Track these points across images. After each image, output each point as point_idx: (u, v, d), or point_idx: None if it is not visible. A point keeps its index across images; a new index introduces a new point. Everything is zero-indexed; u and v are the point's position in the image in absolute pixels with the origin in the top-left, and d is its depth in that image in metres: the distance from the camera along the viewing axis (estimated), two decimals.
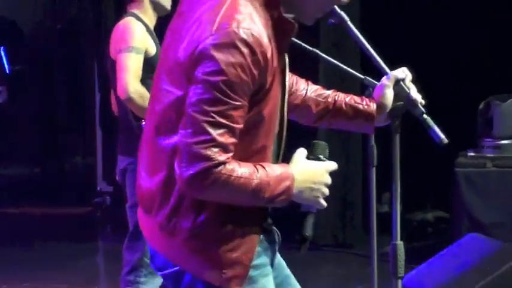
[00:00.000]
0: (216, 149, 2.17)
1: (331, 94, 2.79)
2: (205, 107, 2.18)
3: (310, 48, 3.85)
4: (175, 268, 2.41)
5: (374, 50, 2.78)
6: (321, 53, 4.03)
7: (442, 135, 2.58)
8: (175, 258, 2.40)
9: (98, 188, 8.54)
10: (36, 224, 8.30)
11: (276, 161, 2.44)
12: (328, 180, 2.38)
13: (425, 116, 2.65)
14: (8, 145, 9.79)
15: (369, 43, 2.81)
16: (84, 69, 9.11)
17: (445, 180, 6.25)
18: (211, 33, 2.18)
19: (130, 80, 4.20)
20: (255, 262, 2.41)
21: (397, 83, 2.69)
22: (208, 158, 2.16)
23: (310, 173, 2.37)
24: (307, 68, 6.32)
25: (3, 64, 8.29)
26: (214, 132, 2.16)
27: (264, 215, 2.45)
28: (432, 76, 6.62)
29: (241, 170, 2.22)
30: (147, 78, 4.24)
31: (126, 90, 4.20)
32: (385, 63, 2.76)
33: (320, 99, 2.78)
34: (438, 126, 2.57)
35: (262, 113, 2.31)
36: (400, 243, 2.64)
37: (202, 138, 2.16)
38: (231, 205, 2.31)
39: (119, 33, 4.36)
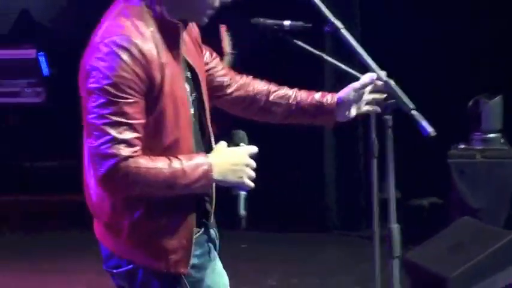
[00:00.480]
0: (119, 146, 2.18)
1: (292, 96, 2.79)
2: (101, 112, 2.19)
3: (317, 52, 3.90)
4: (129, 266, 2.41)
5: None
6: (326, 56, 4.08)
7: (430, 129, 2.57)
8: (124, 255, 2.40)
9: None
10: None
11: (208, 152, 2.44)
12: (250, 161, 2.38)
13: (413, 112, 2.62)
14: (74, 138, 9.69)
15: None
16: None
17: (439, 170, 6.33)
18: (95, 48, 2.24)
19: None
20: (198, 252, 2.43)
21: (386, 84, 2.68)
22: (114, 155, 2.17)
23: (229, 156, 2.36)
24: (313, 70, 6.37)
25: (42, 68, 8.30)
26: (114, 132, 2.17)
27: (202, 209, 2.46)
28: (428, 76, 6.71)
29: (151, 162, 2.22)
30: None
31: None
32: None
33: (282, 101, 2.78)
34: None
35: (163, 108, 2.31)
36: (396, 227, 2.68)
37: (105, 139, 2.17)
38: (163, 198, 2.32)
39: None
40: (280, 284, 5.59)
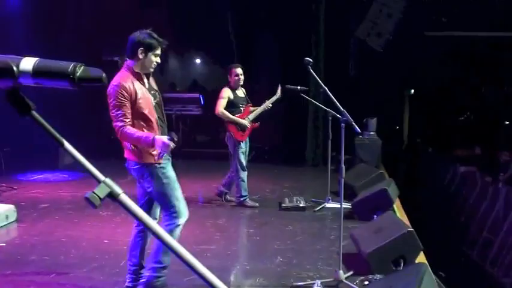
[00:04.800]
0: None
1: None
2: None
3: (309, 98, 5.25)
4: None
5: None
6: (314, 101, 5.42)
7: (359, 130, 2.85)
8: None
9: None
10: None
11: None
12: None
13: (353, 123, 2.87)
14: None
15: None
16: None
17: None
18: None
19: None
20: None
21: (343, 113, 2.96)
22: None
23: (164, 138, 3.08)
24: (302, 105, 8.07)
25: (201, 101, 9.97)
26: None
27: None
28: None
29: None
30: None
31: None
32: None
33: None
34: None
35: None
36: (343, 167, 3.22)
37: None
38: None
39: None
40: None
